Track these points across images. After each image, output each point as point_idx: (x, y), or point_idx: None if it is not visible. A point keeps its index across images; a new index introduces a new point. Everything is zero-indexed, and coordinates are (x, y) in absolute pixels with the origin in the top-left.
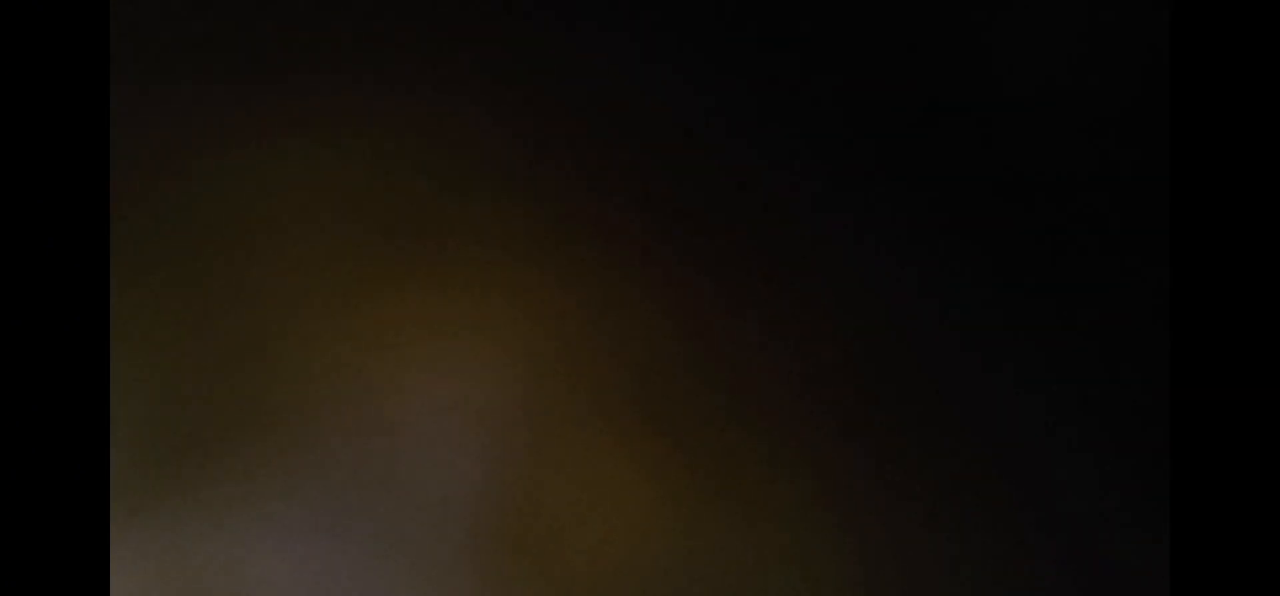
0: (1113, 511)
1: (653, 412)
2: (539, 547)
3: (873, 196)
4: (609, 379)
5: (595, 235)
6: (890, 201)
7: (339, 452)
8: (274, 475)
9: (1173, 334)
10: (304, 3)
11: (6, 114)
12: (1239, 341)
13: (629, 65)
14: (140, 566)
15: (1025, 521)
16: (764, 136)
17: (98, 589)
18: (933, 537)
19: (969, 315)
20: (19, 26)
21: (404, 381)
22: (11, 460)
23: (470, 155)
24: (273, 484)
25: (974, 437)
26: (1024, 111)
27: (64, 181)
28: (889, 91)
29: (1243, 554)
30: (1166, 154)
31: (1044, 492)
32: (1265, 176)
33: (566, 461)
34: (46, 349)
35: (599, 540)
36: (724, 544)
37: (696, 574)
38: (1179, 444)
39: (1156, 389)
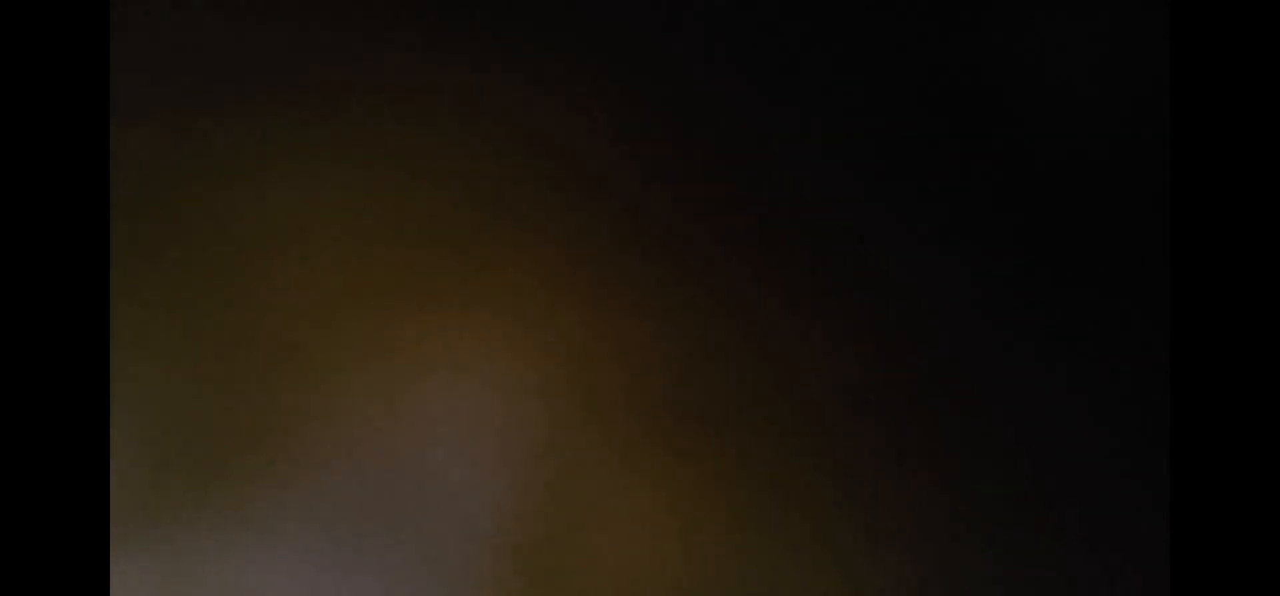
0: (1118, 505)
1: (678, 432)
2: (566, 570)
3: (917, 204)
4: (633, 398)
5: (620, 252)
6: (933, 210)
7: (355, 473)
8: (288, 496)
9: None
10: (333, 13)
11: (7, 116)
12: (1239, 341)
13: (662, 80)
14: (145, 589)
15: (1062, 524)
16: (783, 138)
17: None
18: (976, 545)
19: (998, 316)
20: (19, 27)
21: (423, 400)
22: (11, 471)
23: (494, 172)
24: (287, 505)
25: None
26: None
27: (68, 190)
28: (923, 101)
29: (1244, 551)
30: (1167, 154)
31: (1070, 494)
32: (1266, 176)
33: (591, 482)
34: (47, 364)
35: (628, 562)
36: (761, 561)
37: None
38: (1179, 443)
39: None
